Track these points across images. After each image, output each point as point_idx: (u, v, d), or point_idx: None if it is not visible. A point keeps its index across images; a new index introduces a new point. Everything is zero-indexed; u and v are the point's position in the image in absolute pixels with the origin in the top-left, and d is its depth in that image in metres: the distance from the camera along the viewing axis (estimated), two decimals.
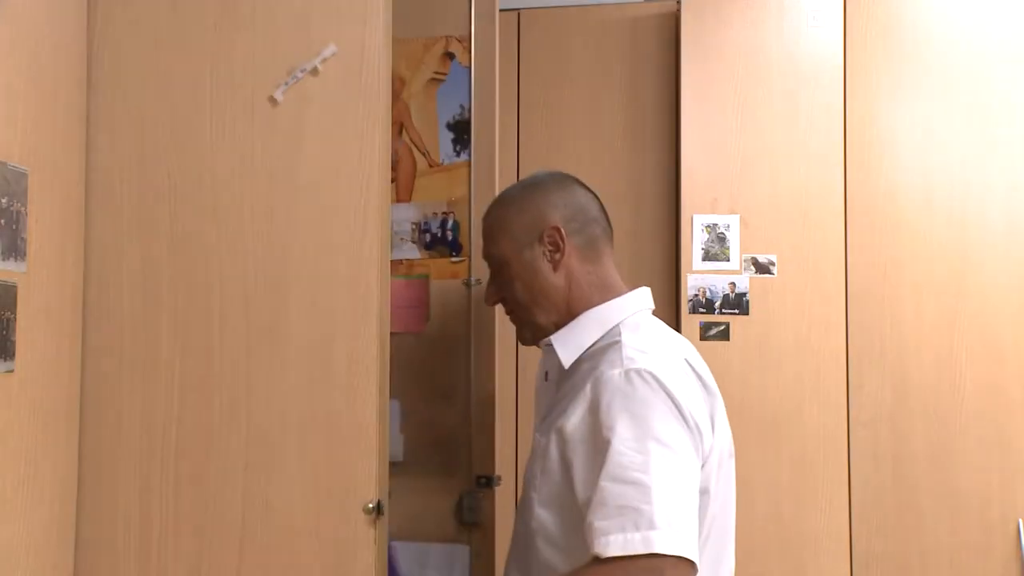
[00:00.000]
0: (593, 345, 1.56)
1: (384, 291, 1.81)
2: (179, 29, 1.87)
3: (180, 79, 1.87)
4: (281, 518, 1.77)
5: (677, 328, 2.80)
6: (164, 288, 1.84)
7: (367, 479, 1.75)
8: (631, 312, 1.60)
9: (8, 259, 1.63)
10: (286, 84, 1.82)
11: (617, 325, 1.56)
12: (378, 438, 1.77)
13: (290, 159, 1.82)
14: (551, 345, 1.59)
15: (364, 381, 1.77)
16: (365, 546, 1.73)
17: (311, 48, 1.81)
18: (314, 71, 1.81)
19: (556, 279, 1.60)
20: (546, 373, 1.69)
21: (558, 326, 1.60)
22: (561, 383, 1.59)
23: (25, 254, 1.67)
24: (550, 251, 1.60)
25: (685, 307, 2.74)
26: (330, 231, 1.80)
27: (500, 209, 1.68)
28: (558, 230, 1.60)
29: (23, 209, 1.67)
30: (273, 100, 1.82)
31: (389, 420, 1.86)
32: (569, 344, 1.57)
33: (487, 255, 1.68)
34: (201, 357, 1.82)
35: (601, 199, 2.90)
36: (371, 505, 1.73)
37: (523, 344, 1.70)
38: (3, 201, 1.62)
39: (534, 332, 1.64)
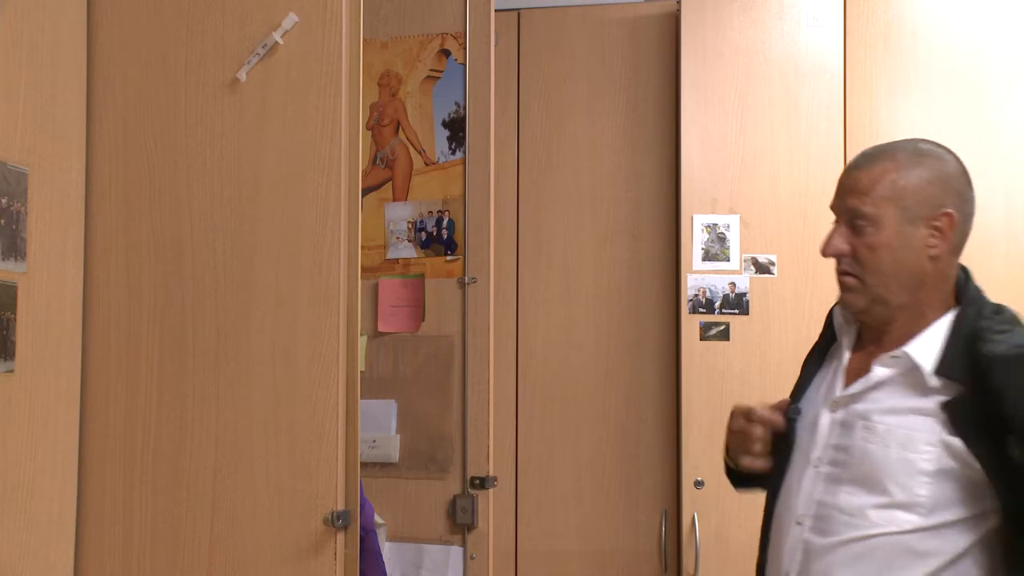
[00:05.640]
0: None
1: (352, 284, 1.74)
2: (162, 21, 1.85)
3: (159, 72, 1.85)
4: (247, 526, 1.74)
5: (677, 328, 2.81)
6: (145, 287, 1.83)
7: (328, 488, 1.69)
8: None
9: (8, 259, 1.63)
10: (248, 63, 1.77)
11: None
12: (345, 444, 1.70)
13: (256, 144, 1.78)
14: (906, 357, 1.49)
15: (327, 383, 1.71)
16: (327, 558, 1.67)
17: (276, 22, 1.76)
18: (275, 46, 1.76)
19: (927, 264, 1.50)
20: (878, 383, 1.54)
21: (903, 309, 1.51)
22: (907, 388, 1.49)
23: (25, 254, 1.68)
24: (934, 236, 1.49)
25: (685, 307, 2.74)
26: (293, 219, 1.75)
27: (893, 165, 1.52)
28: (952, 219, 1.49)
29: (23, 209, 1.67)
30: (237, 81, 1.78)
31: (359, 423, 1.76)
32: (929, 352, 1.49)
33: (856, 208, 1.51)
34: (176, 357, 1.80)
35: (601, 199, 2.93)
36: (332, 515, 1.66)
37: (847, 306, 1.58)
38: (3, 201, 1.62)
39: (873, 301, 1.53)
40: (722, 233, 2.73)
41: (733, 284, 2.72)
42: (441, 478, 2.47)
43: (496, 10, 2.59)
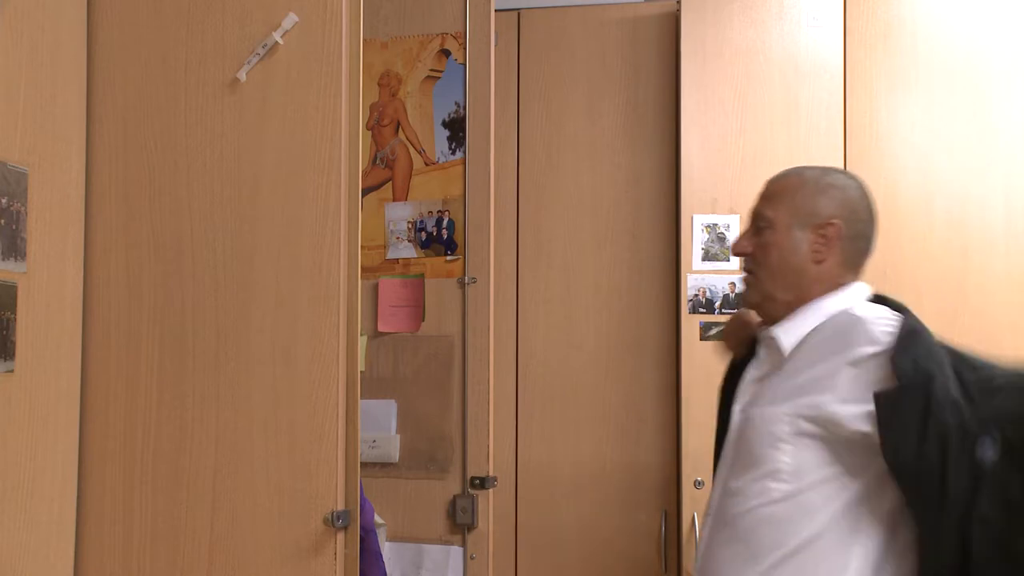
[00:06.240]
0: (813, 333, 1.63)
1: (352, 284, 1.74)
2: (162, 21, 1.85)
3: (159, 72, 1.85)
4: (247, 526, 1.74)
5: (677, 328, 2.81)
6: (145, 287, 1.83)
7: (328, 488, 1.69)
8: (850, 304, 1.65)
9: (8, 259, 1.63)
10: (248, 63, 1.77)
11: (842, 311, 1.63)
12: (345, 444, 1.70)
13: (256, 144, 1.78)
14: (773, 338, 1.68)
15: (327, 383, 1.71)
16: (327, 558, 1.67)
17: (275, 22, 1.76)
18: (275, 46, 1.76)
19: (811, 267, 1.66)
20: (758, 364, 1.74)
21: (789, 306, 1.67)
22: (774, 373, 1.67)
23: (25, 254, 1.68)
24: (819, 242, 1.66)
25: (685, 307, 2.74)
26: (293, 219, 1.75)
27: (797, 179, 1.72)
28: (838, 229, 1.65)
29: (23, 209, 1.67)
30: (237, 81, 1.78)
31: (359, 423, 1.76)
32: (790, 333, 1.66)
33: (759, 212, 1.72)
34: (176, 357, 1.80)
35: (601, 199, 2.94)
36: (332, 515, 1.66)
37: (744, 302, 1.79)
38: (3, 201, 1.62)
39: (764, 298, 1.72)
40: (722, 233, 2.74)
41: (733, 284, 2.72)
42: (441, 478, 2.47)
43: (496, 10, 2.60)
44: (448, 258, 2.53)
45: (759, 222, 1.71)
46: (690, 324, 2.73)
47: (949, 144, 2.66)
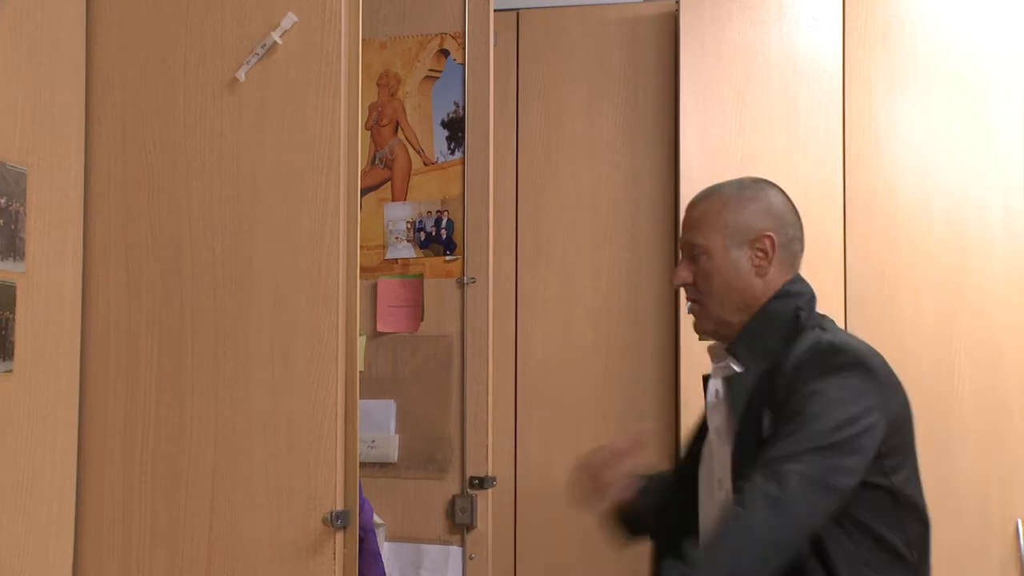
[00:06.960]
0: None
1: (351, 284, 1.75)
2: (161, 21, 1.85)
3: (158, 72, 1.85)
4: (246, 526, 1.74)
5: (676, 328, 2.81)
6: (144, 287, 1.83)
7: (327, 488, 1.69)
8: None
9: (7, 259, 1.63)
10: (247, 63, 1.77)
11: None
12: (344, 444, 1.71)
13: (254, 144, 1.78)
14: (725, 365, 1.68)
15: (326, 383, 1.71)
16: (326, 558, 1.67)
17: (274, 22, 1.77)
18: (274, 46, 1.76)
19: (756, 281, 1.67)
20: (716, 391, 1.73)
21: (742, 325, 1.68)
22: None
23: (24, 254, 1.68)
24: (758, 256, 1.67)
25: (684, 307, 2.73)
26: (292, 219, 1.75)
27: (717, 199, 1.72)
28: (773, 241, 1.67)
29: (22, 209, 1.67)
30: (236, 81, 1.78)
31: (358, 423, 1.77)
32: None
33: (690, 241, 1.71)
34: (175, 356, 1.80)
35: (600, 199, 2.94)
36: (331, 515, 1.67)
37: (698, 332, 1.78)
38: (2, 201, 1.62)
39: (717, 324, 1.72)
40: None
41: None
42: (440, 478, 2.47)
43: (495, 10, 2.60)
44: (447, 258, 2.53)
45: (692, 251, 1.71)
46: (690, 324, 2.71)
47: (948, 144, 2.66)
